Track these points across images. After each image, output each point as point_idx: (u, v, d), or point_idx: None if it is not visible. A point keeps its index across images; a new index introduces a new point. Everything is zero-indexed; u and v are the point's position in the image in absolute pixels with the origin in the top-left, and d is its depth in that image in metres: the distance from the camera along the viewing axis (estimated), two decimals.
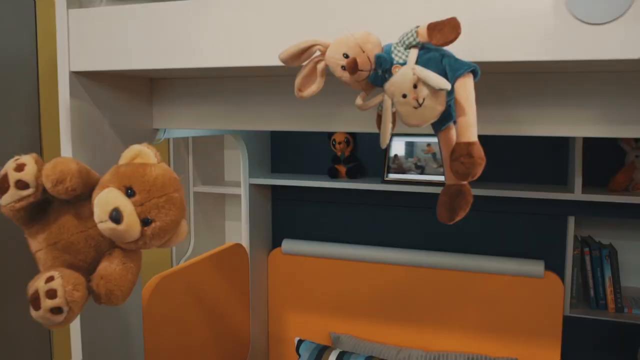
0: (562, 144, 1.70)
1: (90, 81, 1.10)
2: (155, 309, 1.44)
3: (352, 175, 1.87)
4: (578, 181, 1.53)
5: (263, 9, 0.88)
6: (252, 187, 1.86)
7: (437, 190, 0.83)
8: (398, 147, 1.80)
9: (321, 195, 1.96)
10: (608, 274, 1.76)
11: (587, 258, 1.78)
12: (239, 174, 1.92)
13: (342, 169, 1.89)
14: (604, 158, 1.68)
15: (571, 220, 1.69)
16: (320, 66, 0.77)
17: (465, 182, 0.75)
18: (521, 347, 1.75)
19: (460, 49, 0.72)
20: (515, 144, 1.74)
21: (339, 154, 1.89)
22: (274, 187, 2.01)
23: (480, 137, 0.69)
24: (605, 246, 1.78)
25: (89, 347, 1.15)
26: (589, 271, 1.77)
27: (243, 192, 1.85)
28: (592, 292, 1.77)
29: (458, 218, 0.76)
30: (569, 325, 1.72)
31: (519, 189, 1.65)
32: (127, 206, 0.72)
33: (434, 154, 1.73)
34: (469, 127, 0.69)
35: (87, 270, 0.76)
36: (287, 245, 1.96)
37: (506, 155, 1.76)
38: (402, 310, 1.85)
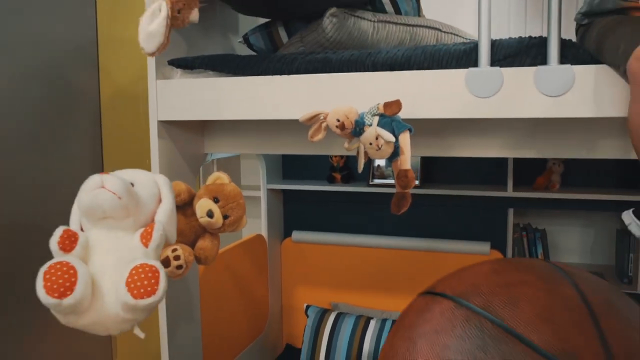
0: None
1: (168, 125, 1.65)
2: (206, 279, 1.99)
3: (345, 180, 2.42)
4: (510, 182, 2.10)
5: (291, 85, 1.43)
6: (269, 191, 2.43)
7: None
8: (380, 159, 2.36)
9: (322, 196, 2.51)
10: (540, 250, 2.32)
11: (525, 239, 2.34)
12: (253, 179, 2.47)
13: (338, 175, 2.44)
14: (533, 164, 2.24)
15: (510, 212, 2.25)
16: (324, 125, 1.31)
17: (406, 191, 1.30)
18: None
19: (405, 112, 1.28)
20: (468, 159, 2.30)
21: (335, 164, 2.44)
22: (285, 191, 2.57)
23: (438, 158, 1.25)
24: (539, 230, 2.34)
25: (169, 306, 1.70)
26: (526, 249, 2.34)
27: (262, 194, 2.40)
28: None
29: (402, 211, 1.31)
30: None
31: (471, 189, 2.21)
32: (215, 209, 1.26)
33: None
34: (406, 161, 1.24)
35: (191, 245, 1.31)
36: (296, 235, 2.52)
37: (462, 166, 2.32)
38: (384, 282, 2.41)
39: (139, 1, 2.45)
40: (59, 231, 0.93)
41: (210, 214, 1.25)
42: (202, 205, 1.26)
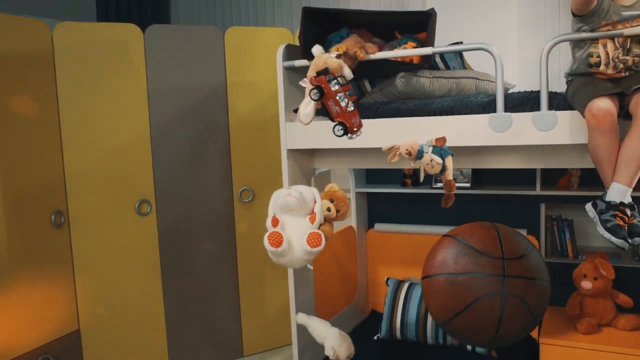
0: None
1: (293, 152, 2.48)
2: (316, 257, 2.81)
3: (414, 184, 3.18)
4: (538, 183, 2.79)
5: (376, 126, 2.20)
6: (357, 193, 3.23)
7: (459, 192, 2.11)
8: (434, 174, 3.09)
9: (396, 197, 3.28)
10: (568, 236, 2.98)
11: (555, 227, 3.01)
12: (342, 184, 3.26)
13: (409, 181, 3.20)
14: (555, 169, 2.90)
15: (542, 206, 2.93)
16: (398, 152, 2.09)
17: (451, 193, 2.05)
18: None
19: (449, 142, 2.03)
20: (505, 168, 3.00)
21: (406, 172, 3.20)
22: (369, 193, 3.36)
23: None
24: (567, 220, 2.99)
25: (295, 275, 2.52)
26: (556, 235, 3.00)
27: (352, 196, 3.20)
28: (558, 247, 3.00)
29: (449, 205, 2.05)
30: None
31: (509, 189, 2.91)
32: (332, 206, 2.05)
33: (460, 172, 3.02)
34: (450, 174, 1.99)
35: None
36: (378, 227, 3.31)
37: (501, 173, 3.01)
38: None
39: (255, 54, 3.32)
40: (270, 217, 1.75)
41: (328, 209, 2.05)
42: (324, 204, 2.07)
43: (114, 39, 3.09)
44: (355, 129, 1.78)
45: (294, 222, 1.71)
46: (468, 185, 3.00)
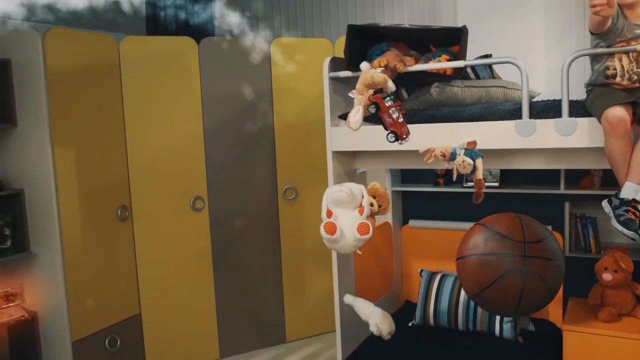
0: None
1: (337, 153, 2.75)
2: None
3: (446, 183, 3.43)
4: (562, 183, 3.01)
5: (413, 130, 2.47)
6: (393, 191, 3.49)
7: (488, 191, 2.35)
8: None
9: (429, 195, 3.53)
10: (591, 233, 3.19)
11: (579, 225, 3.22)
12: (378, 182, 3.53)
13: (441, 180, 3.45)
14: (579, 170, 3.11)
15: (567, 204, 3.15)
16: (433, 154, 2.34)
17: (481, 190, 2.30)
18: None
19: (480, 145, 2.28)
20: (537, 170, 3.22)
21: (439, 172, 3.45)
22: (404, 192, 3.62)
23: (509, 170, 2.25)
24: (590, 218, 3.20)
25: (339, 264, 2.80)
26: (580, 232, 3.22)
27: (389, 194, 3.46)
28: (582, 243, 3.21)
29: (479, 202, 2.30)
30: (567, 260, 3.17)
31: (535, 189, 3.14)
32: (374, 202, 2.32)
33: (490, 172, 3.26)
34: (480, 174, 2.24)
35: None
36: (412, 223, 3.56)
37: (528, 173, 3.24)
38: None
39: (298, 63, 3.60)
40: (324, 210, 2.03)
41: (371, 205, 2.32)
42: (370, 200, 2.34)
43: (172, 50, 3.42)
44: (404, 136, 2.05)
45: (345, 214, 1.99)
46: (497, 184, 3.23)
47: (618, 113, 2.00)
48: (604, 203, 2.10)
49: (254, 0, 4.70)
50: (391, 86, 2.06)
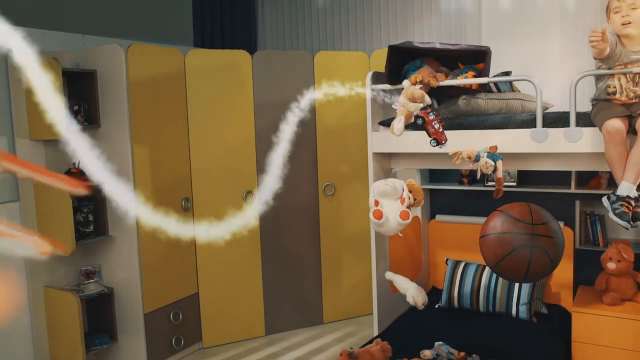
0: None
1: (376, 154, 3.20)
2: (393, 240, 3.51)
3: (470, 183, 3.86)
4: (573, 183, 3.43)
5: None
6: (422, 189, 3.92)
7: (507, 190, 2.79)
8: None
9: (455, 193, 3.96)
10: (599, 228, 3.59)
11: (588, 221, 3.63)
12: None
13: (465, 179, 3.88)
14: (588, 172, 3.50)
15: (577, 202, 3.55)
16: (461, 157, 2.77)
17: (500, 187, 2.72)
18: None
19: (500, 149, 2.71)
20: (550, 172, 3.63)
21: (463, 173, 3.88)
22: (432, 189, 4.05)
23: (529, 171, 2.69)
24: (599, 215, 3.61)
25: (377, 251, 3.24)
26: (589, 227, 3.62)
27: None
28: (591, 237, 3.61)
29: (499, 197, 2.73)
30: (577, 253, 3.58)
31: (548, 188, 3.55)
32: (411, 195, 2.76)
33: (508, 173, 3.67)
34: (500, 173, 2.66)
35: None
36: (439, 217, 4.00)
37: (542, 174, 3.65)
38: None
39: (337, 73, 4.04)
40: (372, 200, 2.48)
41: (410, 198, 2.76)
42: (407, 195, 2.79)
43: (229, 62, 3.90)
44: (443, 142, 2.50)
45: (389, 203, 2.44)
46: (514, 184, 3.65)
47: (616, 124, 2.42)
48: (604, 199, 2.51)
49: (297, 15, 5.17)
50: (427, 100, 2.51)
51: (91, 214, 3.52)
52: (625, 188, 2.42)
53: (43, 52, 3.38)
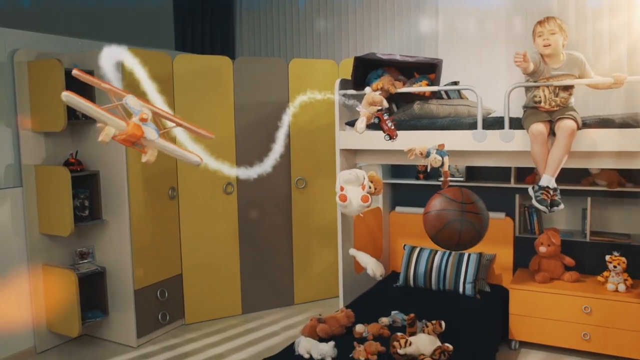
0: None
1: (343, 151, 3.68)
2: (356, 223, 3.99)
3: (425, 178, 4.37)
4: (512, 179, 3.97)
5: (402, 135, 3.40)
6: (384, 183, 4.42)
7: (457, 184, 3.30)
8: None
9: (412, 186, 4.47)
10: (536, 218, 4.13)
11: (526, 212, 4.17)
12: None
13: (421, 175, 4.39)
14: (525, 168, 4.05)
15: (517, 196, 4.09)
16: (414, 153, 3.27)
17: (446, 180, 3.22)
18: (497, 248, 4.17)
19: (447, 146, 3.21)
20: (493, 168, 4.16)
21: (419, 169, 4.39)
22: (392, 183, 4.55)
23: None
24: (535, 207, 4.14)
25: (343, 233, 3.72)
26: (527, 218, 4.17)
27: None
28: (528, 226, 4.16)
29: (446, 187, 3.23)
30: (517, 240, 4.13)
31: (492, 183, 4.08)
32: (372, 185, 3.23)
33: (457, 170, 4.20)
34: (446, 167, 3.16)
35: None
36: (398, 209, 4.50)
37: (487, 170, 4.18)
38: None
39: (309, 79, 4.50)
40: (338, 186, 2.95)
41: (371, 187, 3.24)
42: (368, 185, 3.27)
43: (212, 66, 4.33)
44: (394, 137, 2.98)
45: (352, 189, 2.92)
46: (463, 179, 4.18)
47: (539, 128, 2.95)
48: (530, 189, 3.04)
49: (273, 24, 5.63)
50: (385, 104, 3.00)
51: (87, 199, 3.91)
52: (546, 180, 2.95)
53: (45, 54, 3.79)
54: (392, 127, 2.92)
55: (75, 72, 1.93)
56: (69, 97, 1.80)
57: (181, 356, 3.81)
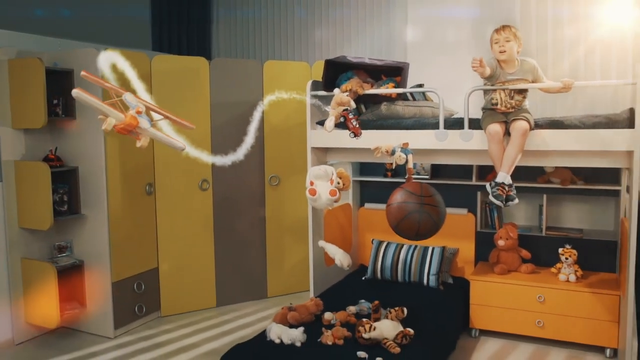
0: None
1: (314, 149, 3.87)
2: (326, 217, 4.18)
3: (393, 176, 4.58)
4: (474, 177, 4.20)
5: (369, 134, 3.60)
6: (354, 181, 4.63)
7: (422, 181, 3.51)
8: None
9: (380, 184, 4.68)
10: (496, 214, 4.38)
11: (487, 209, 4.41)
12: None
13: (389, 173, 4.60)
14: (487, 167, 4.30)
15: (478, 193, 4.33)
16: (381, 151, 3.47)
17: (411, 176, 3.43)
18: (459, 242, 4.40)
19: (411, 145, 3.43)
20: (456, 167, 4.39)
21: (387, 167, 4.60)
22: (361, 181, 4.76)
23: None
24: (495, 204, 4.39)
25: (314, 228, 3.91)
26: (488, 214, 4.41)
27: (351, 182, 4.59)
28: (489, 222, 4.41)
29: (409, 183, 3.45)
30: (478, 235, 4.37)
31: (455, 180, 4.31)
32: (340, 180, 3.42)
33: (423, 168, 4.42)
34: (411, 164, 3.38)
35: None
36: (367, 205, 4.71)
37: (450, 168, 4.41)
38: None
39: (282, 80, 4.69)
40: (308, 181, 3.13)
41: (338, 183, 3.43)
42: (336, 181, 3.46)
43: (189, 66, 4.48)
44: (359, 135, 3.17)
45: (321, 184, 3.10)
46: (428, 177, 4.41)
47: (496, 128, 3.18)
48: (487, 185, 3.26)
49: (249, 26, 5.80)
50: (353, 105, 3.19)
51: (66, 194, 4.02)
52: (501, 176, 3.17)
53: (25, 52, 3.90)
54: (357, 126, 3.12)
55: (83, 73, 2.38)
56: (79, 94, 2.24)
57: (157, 345, 3.95)
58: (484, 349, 3.80)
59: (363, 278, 4.35)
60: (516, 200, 3.16)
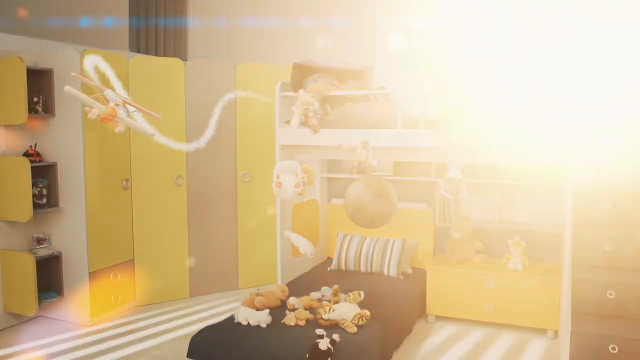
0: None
1: (283, 146, 4.12)
2: (295, 210, 4.43)
3: (358, 172, 4.85)
4: (433, 174, 4.50)
5: (337, 133, 3.87)
6: (322, 177, 4.89)
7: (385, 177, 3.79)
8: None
9: (347, 180, 4.94)
10: (453, 210, 4.68)
11: (445, 203, 4.71)
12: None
13: (355, 170, 4.87)
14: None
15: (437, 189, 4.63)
16: (344, 148, 3.74)
17: (370, 171, 3.71)
18: (419, 235, 4.69)
19: (373, 143, 3.70)
20: (416, 164, 4.68)
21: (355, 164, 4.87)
22: (329, 178, 5.02)
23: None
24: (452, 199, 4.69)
25: (281, 220, 4.16)
26: (446, 209, 4.70)
27: (318, 179, 4.86)
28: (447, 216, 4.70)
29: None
30: (437, 229, 4.66)
31: (416, 176, 4.61)
32: (305, 175, 3.68)
33: (381, 165, 4.71)
34: (370, 161, 3.66)
35: None
36: (334, 201, 4.97)
37: (413, 165, 4.70)
38: None
39: (254, 81, 4.93)
40: (275, 175, 3.38)
41: (304, 179, 3.69)
42: (300, 176, 3.71)
43: (165, 67, 4.70)
44: (317, 132, 3.44)
45: (287, 177, 3.36)
46: (391, 174, 4.69)
47: None
48: (440, 180, 3.56)
49: (223, 29, 6.03)
50: (316, 105, 3.46)
51: (45, 188, 4.21)
52: (452, 172, 3.47)
53: (6, 51, 4.08)
54: (316, 124, 3.39)
55: (74, 74, 2.96)
56: (70, 90, 2.77)
57: (131, 331, 4.16)
58: (438, 333, 4.10)
59: (328, 269, 4.61)
60: (465, 194, 3.46)
